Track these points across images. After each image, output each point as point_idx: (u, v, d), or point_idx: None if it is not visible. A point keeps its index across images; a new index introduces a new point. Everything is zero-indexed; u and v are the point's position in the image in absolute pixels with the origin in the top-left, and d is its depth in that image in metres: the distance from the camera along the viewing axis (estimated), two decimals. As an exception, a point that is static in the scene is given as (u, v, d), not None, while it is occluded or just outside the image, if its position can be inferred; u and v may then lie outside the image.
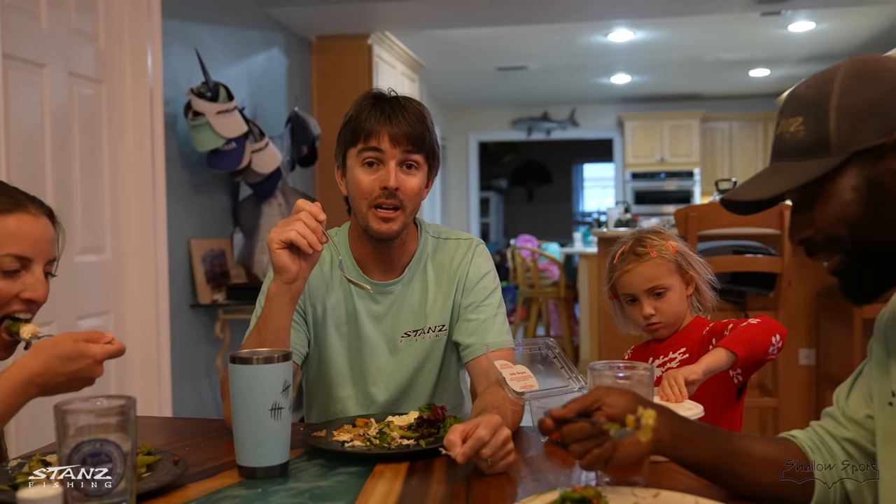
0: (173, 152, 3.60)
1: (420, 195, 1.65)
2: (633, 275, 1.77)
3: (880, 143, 1.01)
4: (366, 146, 1.60)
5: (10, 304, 1.40)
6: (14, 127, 2.67)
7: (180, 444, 1.48)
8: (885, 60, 1.06)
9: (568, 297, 6.90)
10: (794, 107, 1.08)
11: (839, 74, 1.06)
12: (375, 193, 1.60)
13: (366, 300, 1.70)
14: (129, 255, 3.38)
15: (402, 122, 1.60)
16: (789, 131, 1.08)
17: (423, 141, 1.62)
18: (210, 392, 3.95)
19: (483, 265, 1.75)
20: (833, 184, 1.04)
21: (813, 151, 1.04)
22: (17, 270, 1.40)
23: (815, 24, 6.19)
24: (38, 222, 1.43)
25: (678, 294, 1.77)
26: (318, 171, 5.33)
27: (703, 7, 5.33)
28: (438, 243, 1.77)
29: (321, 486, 1.23)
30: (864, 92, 1.03)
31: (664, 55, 7.28)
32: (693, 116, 9.53)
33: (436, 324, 1.72)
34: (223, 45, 4.17)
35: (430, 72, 7.03)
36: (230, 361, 1.29)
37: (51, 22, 2.91)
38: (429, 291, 1.73)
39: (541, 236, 8.97)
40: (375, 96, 1.65)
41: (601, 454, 1.09)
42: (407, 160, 1.61)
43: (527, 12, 5.20)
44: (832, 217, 1.05)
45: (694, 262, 1.79)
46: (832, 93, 1.05)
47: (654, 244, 1.77)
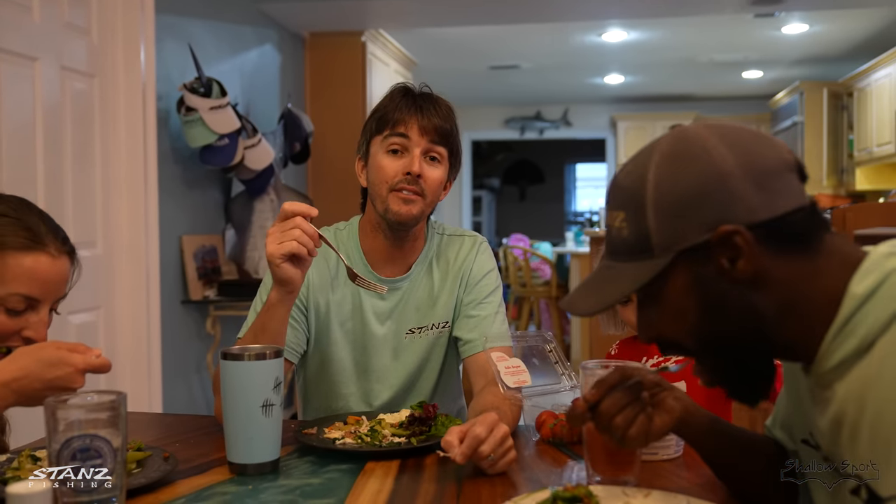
0: (166, 148, 3.59)
1: (440, 187, 1.67)
2: None
3: (705, 241, 0.91)
4: (393, 132, 1.62)
5: (9, 339, 1.35)
6: (5, 121, 2.66)
7: (170, 441, 1.48)
8: (700, 136, 0.95)
9: (559, 297, 6.92)
10: (616, 199, 0.99)
11: (653, 161, 0.95)
12: (398, 178, 1.61)
13: (373, 297, 1.70)
14: (120, 251, 3.36)
15: (433, 114, 1.62)
16: (614, 226, 0.98)
17: (449, 136, 1.64)
18: (200, 388, 3.94)
19: (486, 263, 1.76)
20: (665, 288, 0.95)
21: (639, 252, 0.95)
22: (24, 310, 1.36)
23: (809, 27, 6.20)
24: (54, 264, 1.38)
25: None
26: (311, 167, 5.33)
27: (697, 8, 5.34)
28: (444, 240, 1.78)
29: (312, 483, 1.23)
30: (680, 182, 0.92)
31: (657, 56, 7.29)
32: (686, 117, 9.55)
33: (439, 320, 1.72)
34: (216, 40, 4.15)
35: (424, 70, 7.02)
36: (221, 358, 1.28)
37: (43, 15, 2.89)
38: (434, 288, 1.73)
39: (533, 235, 8.98)
40: (406, 89, 1.67)
41: (645, 420, 1.06)
42: (431, 151, 1.63)
43: (520, 11, 5.21)
44: (672, 326, 0.97)
45: None
46: (647, 185, 0.94)
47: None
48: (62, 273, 1.41)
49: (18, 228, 1.35)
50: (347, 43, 5.37)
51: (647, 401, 1.08)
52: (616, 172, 1.02)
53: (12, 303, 1.34)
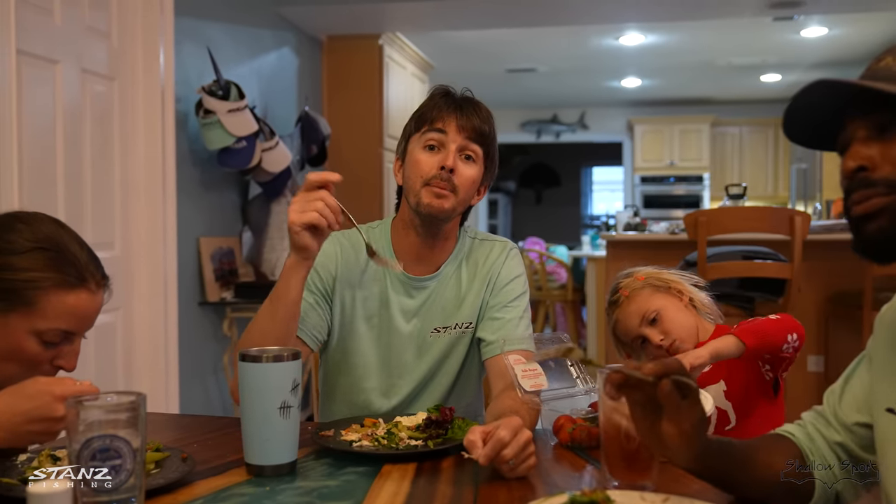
0: (184, 150, 3.61)
1: (473, 186, 1.68)
2: (622, 319, 1.79)
3: None
4: (431, 128, 1.65)
5: (40, 366, 1.36)
6: (27, 123, 2.68)
7: (188, 441, 1.48)
8: None
9: (575, 301, 6.90)
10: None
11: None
12: (432, 173, 1.63)
13: (400, 294, 1.72)
14: (138, 252, 3.39)
15: (473, 115, 1.65)
16: (880, 66, 0.97)
17: (485, 136, 1.67)
18: (217, 389, 3.96)
19: (515, 268, 1.78)
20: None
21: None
22: (59, 342, 1.37)
23: (828, 30, 6.17)
24: (93, 300, 1.39)
25: (673, 309, 1.76)
26: (328, 170, 5.33)
27: (716, 11, 5.32)
28: (475, 244, 1.80)
29: (329, 485, 1.23)
30: None
31: (675, 59, 7.27)
32: (703, 121, 9.51)
33: (464, 321, 1.74)
34: (235, 43, 4.18)
35: (440, 73, 7.03)
36: (240, 359, 1.29)
37: (64, 19, 2.92)
38: (462, 289, 1.75)
39: (549, 239, 8.96)
40: (447, 90, 1.70)
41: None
42: (467, 148, 1.65)
43: (537, 15, 5.20)
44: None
45: (668, 277, 1.80)
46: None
47: (623, 284, 1.81)
48: (99, 307, 1.42)
49: (63, 264, 1.35)
50: (364, 46, 5.38)
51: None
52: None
53: (50, 336, 1.34)
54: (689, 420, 1.06)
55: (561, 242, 9.16)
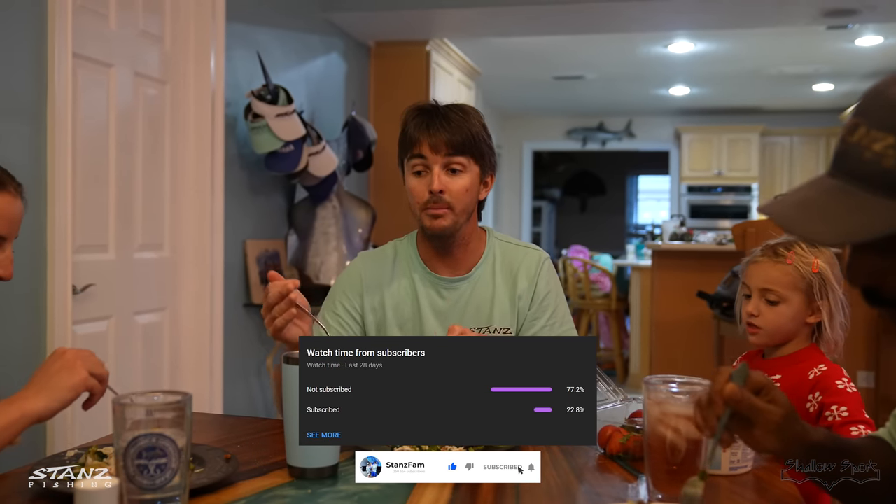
0: (232, 153, 3.66)
1: (469, 194, 1.71)
2: (758, 269, 1.72)
3: None
4: (413, 154, 1.70)
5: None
6: (81, 125, 2.74)
7: (231, 442, 1.50)
8: None
9: (619, 310, 6.83)
10: (886, 118, 0.82)
11: None
12: (425, 198, 1.70)
13: (431, 296, 1.76)
14: (186, 253, 3.43)
15: (441, 130, 1.68)
16: (873, 150, 0.82)
17: (465, 144, 1.69)
18: (260, 391, 3.99)
19: (551, 279, 1.81)
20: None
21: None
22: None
23: (883, 39, 6.04)
24: (15, 203, 1.44)
25: (792, 313, 1.68)
26: (373, 175, 5.36)
27: (768, 20, 5.23)
28: (507, 247, 1.82)
29: (370, 489, 1.24)
30: None
31: (725, 67, 7.17)
32: (753, 130, 9.37)
33: (501, 326, 1.75)
34: (284, 48, 4.22)
35: (487, 79, 7.02)
36: (283, 362, 1.30)
37: (119, 23, 2.97)
38: (496, 291, 1.77)
39: (593, 247, 8.89)
40: (418, 108, 1.74)
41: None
42: (450, 163, 1.69)
43: (586, 22, 5.17)
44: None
45: (832, 295, 1.68)
46: None
47: (799, 253, 1.67)
48: (21, 212, 1.47)
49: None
50: (412, 52, 5.40)
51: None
52: (887, 86, 0.83)
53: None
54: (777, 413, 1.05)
55: (605, 251, 9.08)
